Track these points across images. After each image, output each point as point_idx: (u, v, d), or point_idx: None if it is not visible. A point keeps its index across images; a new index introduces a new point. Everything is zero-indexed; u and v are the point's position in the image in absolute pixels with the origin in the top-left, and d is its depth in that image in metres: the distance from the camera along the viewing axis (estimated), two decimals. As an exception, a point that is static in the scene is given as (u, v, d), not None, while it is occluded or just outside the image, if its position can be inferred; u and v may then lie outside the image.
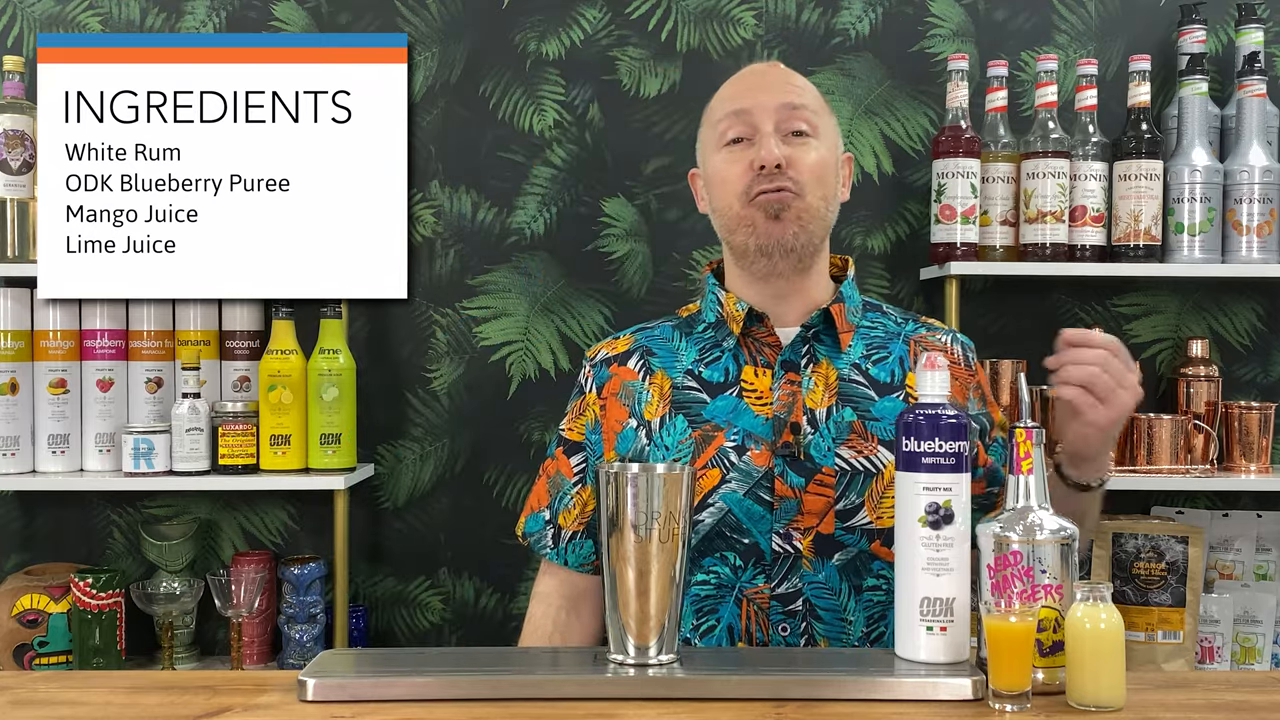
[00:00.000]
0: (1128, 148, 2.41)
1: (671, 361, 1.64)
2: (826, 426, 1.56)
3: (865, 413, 1.57)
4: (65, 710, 1.27)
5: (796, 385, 1.58)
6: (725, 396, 1.59)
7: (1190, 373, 2.49)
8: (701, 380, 1.61)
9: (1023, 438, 1.29)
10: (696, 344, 1.65)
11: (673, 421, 1.59)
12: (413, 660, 1.44)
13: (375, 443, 2.60)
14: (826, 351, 1.61)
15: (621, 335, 1.73)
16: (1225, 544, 2.52)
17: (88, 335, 2.47)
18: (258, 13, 2.60)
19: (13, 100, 2.46)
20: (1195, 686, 1.36)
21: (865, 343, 1.63)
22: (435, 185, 2.60)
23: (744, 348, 1.62)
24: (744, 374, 1.60)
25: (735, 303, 1.62)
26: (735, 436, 1.56)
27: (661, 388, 1.62)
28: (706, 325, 1.67)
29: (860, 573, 1.55)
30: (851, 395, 1.58)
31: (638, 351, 1.67)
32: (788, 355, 1.60)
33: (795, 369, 1.59)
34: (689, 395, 1.60)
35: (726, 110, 1.61)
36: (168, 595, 2.36)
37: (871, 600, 1.55)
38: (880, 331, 1.66)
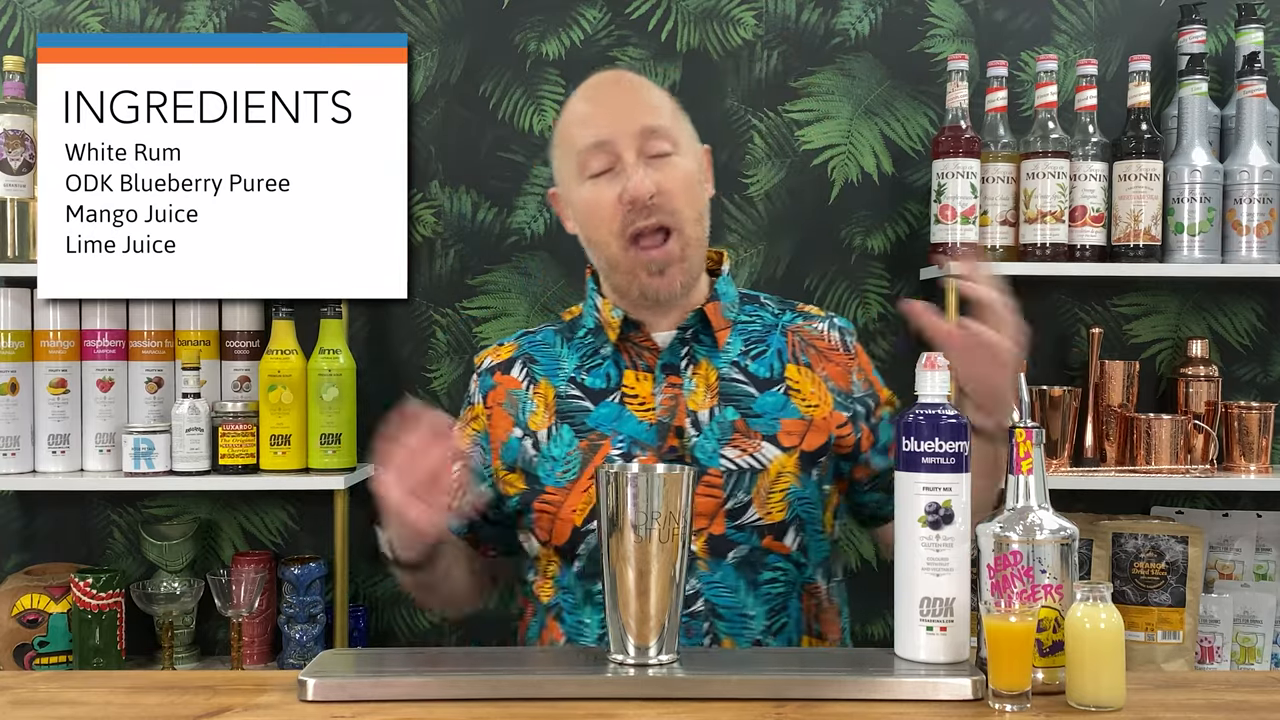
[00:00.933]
0: (1128, 148, 2.41)
1: (554, 369, 1.66)
2: (710, 427, 1.58)
3: (747, 410, 1.59)
4: (65, 710, 1.27)
5: (678, 388, 1.60)
6: (608, 403, 1.60)
7: (1190, 373, 2.49)
8: (584, 388, 1.62)
9: (1022, 438, 1.29)
10: (577, 350, 1.67)
11: (559, 432, 1.61)
12: (413, 660, 1.44)
13: (375, 443, 2.59)
14: (705, 351, 1.62)
15: (506, 342, 1.74)
16: (1225, 544, 2.52)
17: (88, 335, 2.47)
18: (258, 13, 2.60)
19: (13, 100, 2.46)
20: (1195, 686, 1.36)
21: (743, 338, 1.65)
22: (435, 185, 2.60)
23: (623, 353, 1.63)
24: (625, 379, 1.62)
25: (611, 310, 1.64)
26: (621, 444, 1.57)
27: (546, 397, 1.63)
28: (586, 331, 1.68)
29: (756, 568, 1.56)
30: (732, 394, 1.60)
31: (521, 359, 1.69)
32: (667, 358, 1.61)
33: (676, 371, 1.61)
34: (573, 404, 1.62)
35: (586, 142, 1.59)
36: (168, 595, 2.36)
37: (770, 593, 1.57)
38: (758, 325, 1.67)
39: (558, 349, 1.68)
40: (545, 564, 1.63)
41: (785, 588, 1.58)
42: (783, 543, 1.57)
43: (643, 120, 1.58)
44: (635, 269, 1.58)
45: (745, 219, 2.60)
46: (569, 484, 1.57)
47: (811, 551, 1.60)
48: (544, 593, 1.63)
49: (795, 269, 2.60)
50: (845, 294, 2.60)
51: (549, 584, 1.62)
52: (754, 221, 2.60)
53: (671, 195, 1.56)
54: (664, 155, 1.58)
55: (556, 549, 1.59)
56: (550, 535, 1.59)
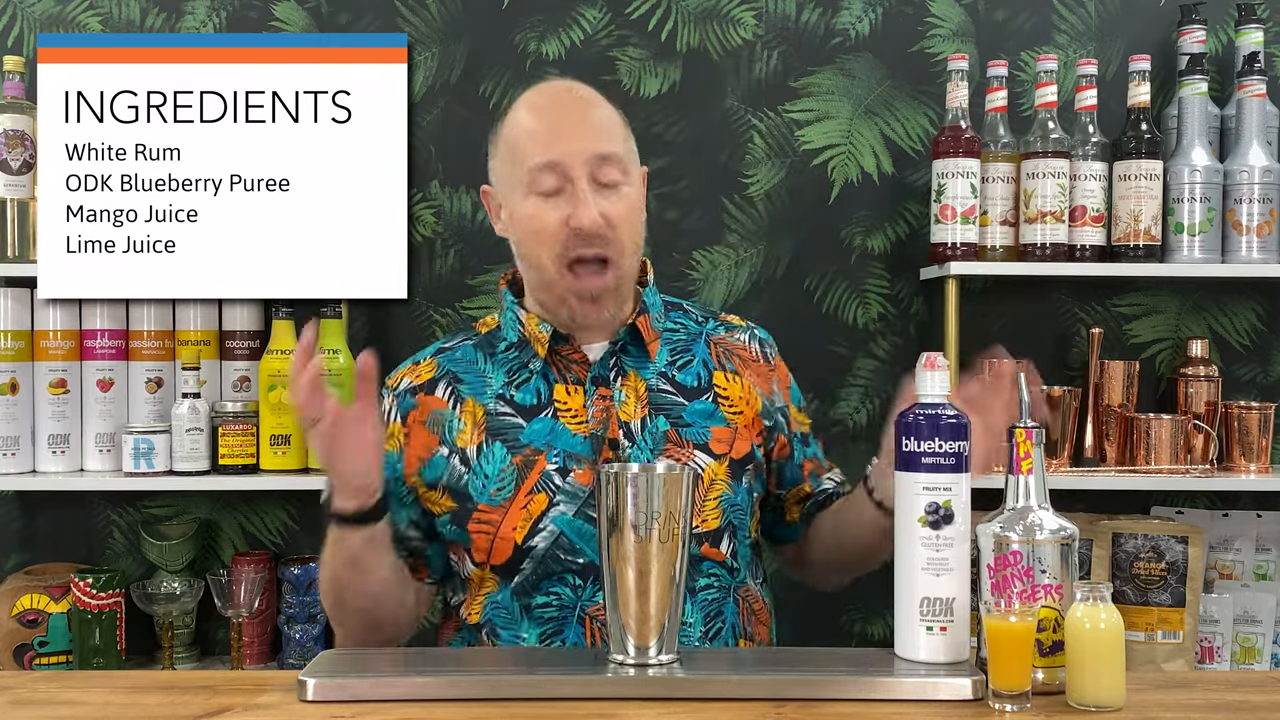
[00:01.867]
0: (1128, 148, 2.41)
1: (480, 388, 1.63)
2: (643, 438, 1.58)
3: (678, 419, 1.60)
4: (65, 710, 1.27)
5: (608, 399, 1.59)
6: (541, 419, 1.59)
7: (1190, 373, 2.49)
8: (514, 404, 1.60)
9: (1022, 438, 1.29)
10: (502, 365, 1.64)
11: (491, 449, 1.58)
12: (413, 660, 1.44)
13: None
14: (633, 363, 1.62)
15: (422, 359, 1.70)
16: (1225, 544, 2.52)
17: (88, 335, 2.47)
18: (258, 13, 2.60)
19: (13, 100, 2.46)
20: (1195, 686, 1.37)
21: (669, 348, 1.65)
22: (435, 185, 2.60)
23: (552, 367, 1.62)
24: (556, 393, 1.60)
25: (538, 324, 1.61)
26: (556, 458, 1.56)
27: (474, 415, 1.60)
28: (509, 345, 1.65)
29: (692, 575, 1.55)
30: (662, 404, 1.60)
31: (444, 379, 1.65)
32: (597, 371, 1.61)
33: (606, 383, 1.60)
34: (504, 421, 1.59)
35: (537, 161, 1.55)
36: (168, 595, 2.36)
37: (705, 599, 1.57)
38: (683, 334, 1.68)
39: (481, 365, 1.65)
40: (479, 584, 1.60)
41: (719, 593, 1.59)
42: (718, 549, 1.58)
43: (598, 146, 1.56)
44: (568, 294, 1.57)
45: (745, 219, 2.60)
46: (505, 501, 1.56)
47: (740, 556, 1.62)
48: (473, 613, 1.60)
49: (795, 269, 2.60)
50: (845, 294, 2.60)
51: (479, 602, 1.59)
52: (754, 221, 2.60)
53: (617, 227, 1.55)
54: (614, 184, 1.56)
55: (494, 568, 1.57)
56: (489, 555, 1.56)
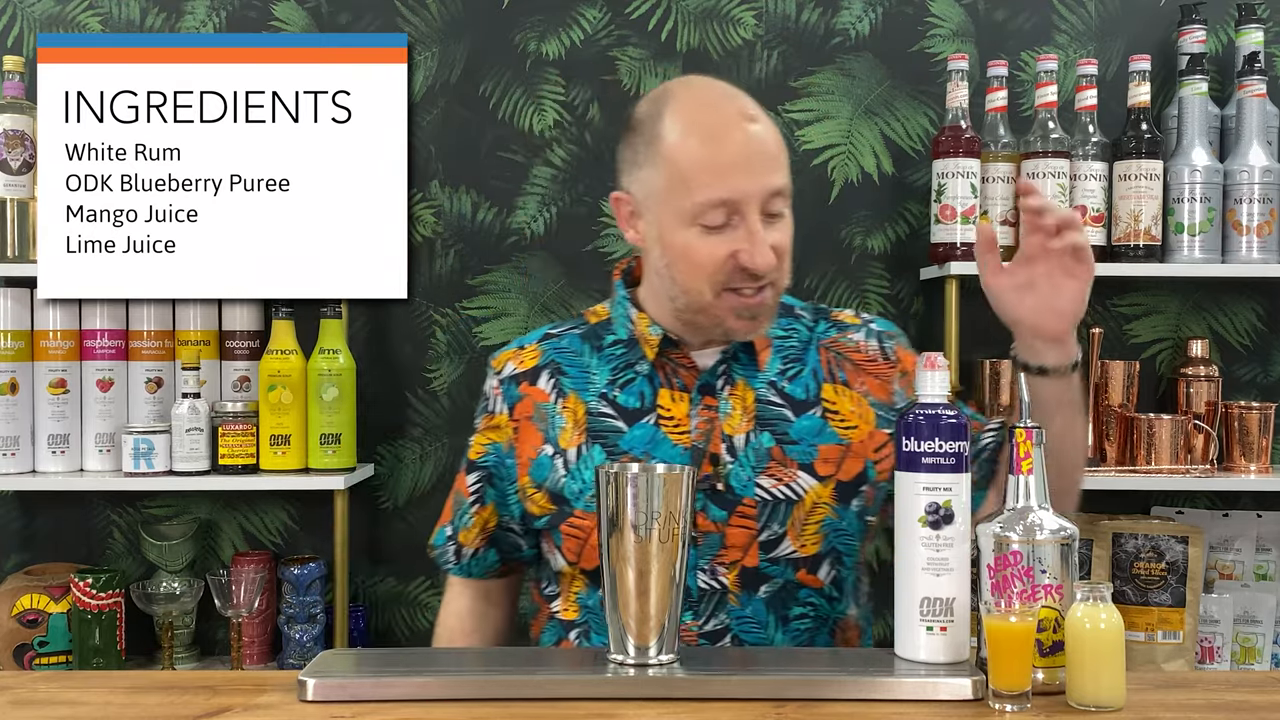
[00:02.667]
0: (1128, 148, 2.41)
1: (584, 383, 1.56)
2: (745, 454, 1.50)
3: (783, 436, 1.51)
4: (65, 710, 1.27)
5: (714, 410, 1.52)
6: (642, 425, 1.52)
7: (1190, 373, 2.49)
8: (616, 405, 1.54)
9: (1023, 438, 1.29)
10: (608, 362, 1.57)
11: (590, 453, 1.52)
12: (413, 660, 1.44)
13: (375, 443, 2.60)
14: (743, 371, 1.54)
15: (528, 343, 1.63)
16: (1225, 544, 2.52)
17: (88, 335, 2.47)
18: (258, 13, 2.60)
19: (13, 100, 2.46)
20: (1195, 686, 1.36)
21: (780, 356, 1.56)
22: (435, 185, 2.60)
23: (659, 370, 1.54)
24: (660, 399, 1.53)
25: (649, 326, 1.55)
26: None
27: (575, 413, 1.54)
28: (617, 341, 1.58)
29: (787, 603, 1.50)
30: (769, 418, 1.52)
31: (547, 369, 1.59)
32: (705, 379, 1.53)
33: (712, 393, 1.53)
34: (605, 423, 1.53)
35: (709, 197, 1.44)
36: (168, 595, 2.36)
37: (799, 629, 1.52)
38: (795, 341, 1.58)
39: (586, 358, 1.58)
40: (570, 581, 1.56)
41: (814, 623, 1.52)
42: (816, 576, 1.51)
43: (773, 179, 1.46)
44: (726, 313, 1.49)
45: (745, 219, 2.59)
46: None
47: (844, 583, 1.55)
48: (568, 611, 1.56)
49: (795, 269, 2.56)
50: (845, 294, 2.60)
51: (573, 602, 1.56)
52: (754, 221, 2.59)
53: (783, 258, 1.49)
54: (779, 214, 1.48)
55: (584, 571, 1.53)
56: (579, 558, 1.52)
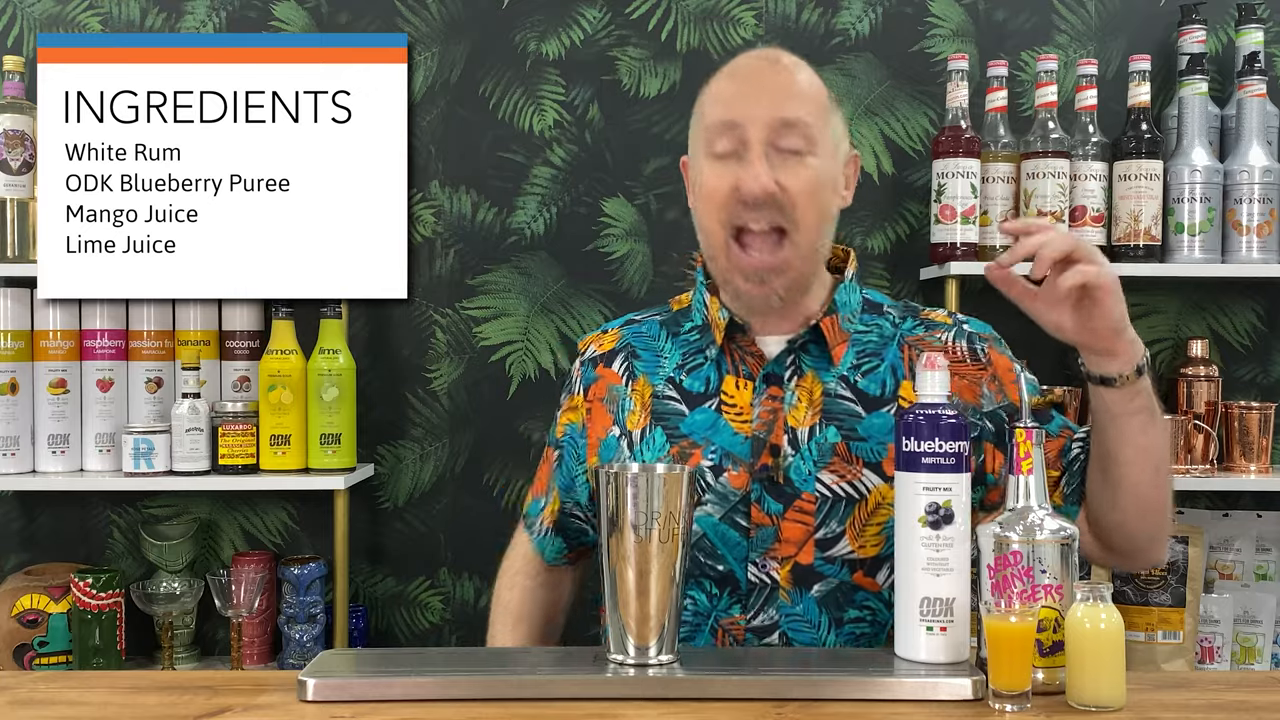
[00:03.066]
0: (1128, 148, 2.41)
1: (654, 366, 1.56)
2: (808, 448, 1.47)
3: (850, 432, 1.47)
4: (65, 710, 1.27)
5: (778, 401, 1.48)
6: (704, 409, 1.50)
7: (1190, 373, 2.49)
8: (681, 389, 1.53)
9: (1023, 438, 1.29)
10: (681, 347, 1.56)
11: (652, 434, 1.52)
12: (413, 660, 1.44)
13: (375, 443, 2.60)
14: (813, 363, 1.50)
15: (611, 328, 1.65)
16: (1225, 544, 2.52)
17: (88, 335, 2.47)
18: (258, 13, 2.60)
19: (13, 100, 2.46)
20: (1195, 686, 1.36)
21: (856, 350, 1.52)
22: (435, 185, 2.60)
23: (727, 356, 1.52)
24: (725, 385, 1.51)
25: (718, 309, 1.53)
26: (713, 455, 1.48)
27: (643, 395, 1.54)
28: (693, 326, 1.57)
29: (841, 605, 1.47)
30: (836, 412, 1.48)
31: (623, 352, 1.59)
32: (771, 368, 1.50)
33: (779, 383, 1.49)
34: (668, 406, 1.52)
35: (717, 118, 1.47)
36: (168, 595, 2.36)
37: (854, 633, 1.48)
38: (875, 336, 1.54)
39: (661, 342, 1.58)
40: None
41: (872, 629, 1.48)
42: (874, 580, 1.47)
43: (781, 110, 1.44)
44: (734, 273, 1.47)
45: (745, 219, 2.59)
46: None
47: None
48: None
49: (795, 269, 2.59)
50: (845, 294, 2.59)
51: None
52: (754, 221, 2.59)
53: (793, 197, 1.43)
54: (797, 152, 1.44)
55: None
56: None
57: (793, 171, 1.43)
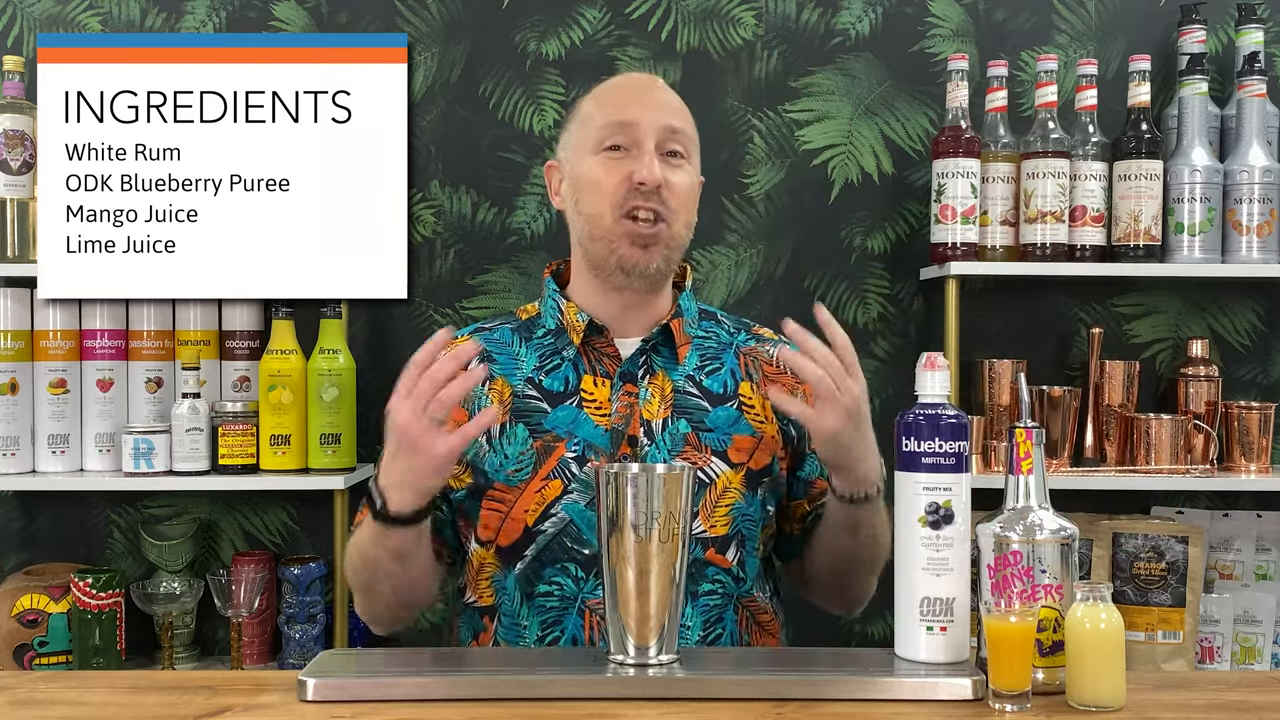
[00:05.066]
0: (1128, 148, 2.41)
1: (512, 368, 1.65)
2: (662, 438, 1.59)
3: (699, 424, 1.61)
4: (65, 710, 1.27)
5: (634, 397, 1.61)
6: (566, 406, 1.61)
7: (1190, 373, 2.49)
8: (542, 389, 1.63)
9: (1022, 438, 1.29)
10: (536, 350, 1.67)
11: (513, 430, 1.61)
12: (413, 660, 1.44)
13: (375, 443, 2.59)
14: (663, 363, 1.65)
15: (459, 336, 1.70)
16: (1225, 544, 2.52)
17: (88, 335, 2.47)
18: (258, 13, 2.60)
19: (13, 100, 2.46)
20: (1195, 686, 1.37)
21: (700, 354, 1.67)
22: (435, 185, 2.60)
23: (584, 357, 1.64)
24: (584, 383, 1.63)
25: (576, 313, 1.65)
26: (576, 447, 1.58)
27: (501, 394, 1.63)
28: (546, 331, 1.68)
29: (695, 579, 1.56)
30: (685, 406, 1.62)
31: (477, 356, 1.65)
32: (627, 367, 1.63)
33: (633, 380, 1.63)
34: (529, 404, 1.62)
35: (611, 118, 1.62)
36: (168, 595, 2.36)
37: (708, 605, 1.58)
38: (714, 342, 1.70)
39: (515, 347, 1.68)
40: (478, 567, 1.62)
41: (722, 600, 1.59)
42: (724, 556, 1.59)
43: (668, 118, 1.63)
44: (621, 239, 1.59)
45: (745, 219, 2.60)
46: (522, 483, 1.58)
47: (748, 567, 1.62)
48: (484, 596, 1.63)
49: (795, 269, 2.60)
50: (845, 294, 2.60)
51: (488, 586, 1.62)
52: (754, 221, 2.60)
53: (675, 193, 1.60)
54: (677, 155, 1.63)
55: (498, 549, 1.59)
56: (496, 534, 1.59)
57: (674, 174, 1.62)
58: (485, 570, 1.62)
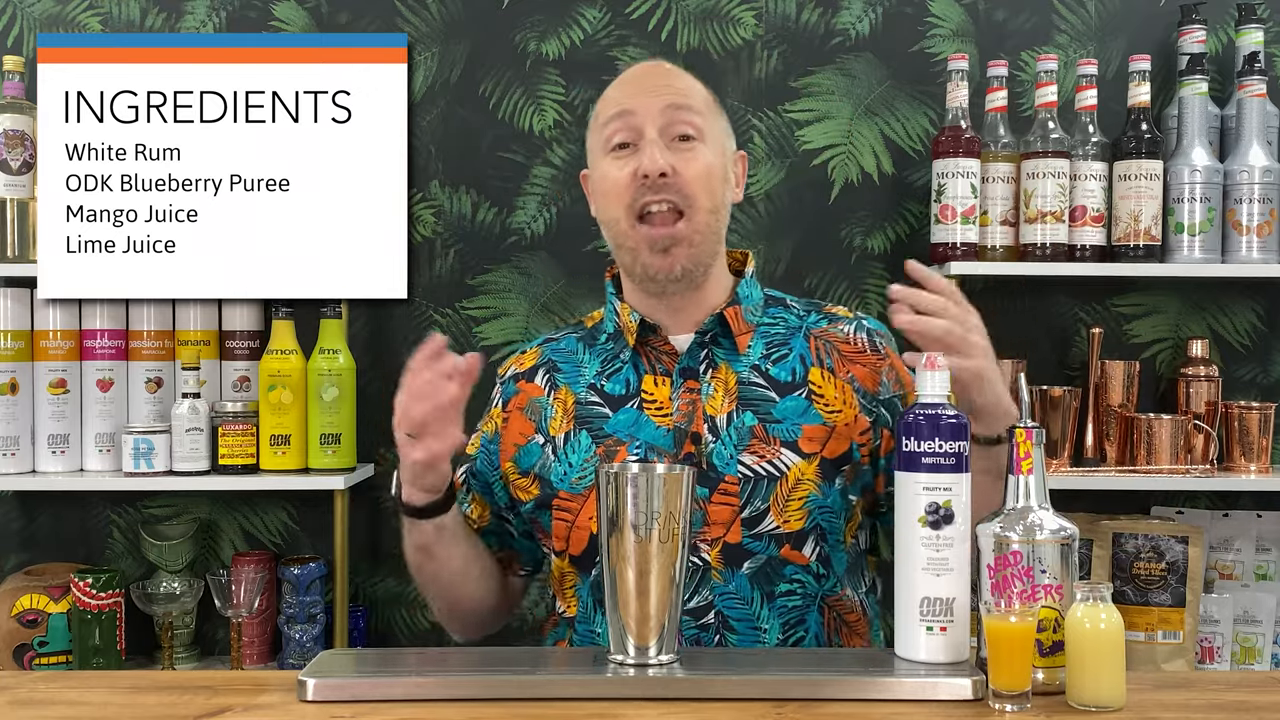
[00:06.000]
0: (1128, 148, 2.41)
1: (575, 376, 1.63)
2: (728, 433, 1.54)
3: (766, 415, 1.55)
4: (65, 710, 1.27)
5: (695, 393, 1.56)
6: (626, 410, 1.58)
7: (1190, 373, 2.49)
8: (603, 394, 1.60)
9: (1023, 438, 1.29)
10: (599, 356, 1.64)
11: (577, 438, 1.58)
12: (413, 660, 1.44)
13: (375, 443, 2.59)
14: (725, 355, 1.59)
15: (529, 348, 1.72)
16: (1225, 544, 2.52)
17: (88, 335, 2.47)
18: (258, 13, 2.60)
19: (13, 100, 2.46)
20: (1195, 686, 1.37)
21: (765, 341, 1.61)
22: (435, 185, 2.60)
23: (642, 357, 1.60)
24: (644, 384, 1.59)
25: (629, 314, 1.61)
26: (638, 450, 1.55)
27: (565, 403, 1.61)
28: (607, 336, 1.65)
29: (772, 579, 1.52)
30: (751, 398, 1.56)
31: (543, 367, 1.67)
32: (685, 363, 1.58)
33: (694, 376, 1.57)
34: (591, 410, 1.59)
35: (611, 111, 1.58)
36: (168, 595, 2.36)
37: (786, 606, 1.53)
38: (781, 328, 1.63)
39: (580, 355, 1.65)
40: (561, 577, 1.61)
41: (802, 600, 1.53)
42: (801, 552, 1.53)
43: (668, 98, 1.56)
44: (639, 245, 1.55)
45: (745, 219, 2.60)
46: (585, 490, 1.55)
47: (834, 563, 1.56)
48: (571, 606, 1.60)
49: (795, 269, 2.60)
50: (845, 294, 2.60)
51: (573, 596, 1.60)
52: (754, 221, 2.60)
53: (686, 178, 1.53)
54: (687, 139, 1.55)
55: (573, 559, 1.57)
56: (567, 544, 1.57)
57: (684, 158, 1.54)
58: (567, 580, 1.60)
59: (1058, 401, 2.41)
